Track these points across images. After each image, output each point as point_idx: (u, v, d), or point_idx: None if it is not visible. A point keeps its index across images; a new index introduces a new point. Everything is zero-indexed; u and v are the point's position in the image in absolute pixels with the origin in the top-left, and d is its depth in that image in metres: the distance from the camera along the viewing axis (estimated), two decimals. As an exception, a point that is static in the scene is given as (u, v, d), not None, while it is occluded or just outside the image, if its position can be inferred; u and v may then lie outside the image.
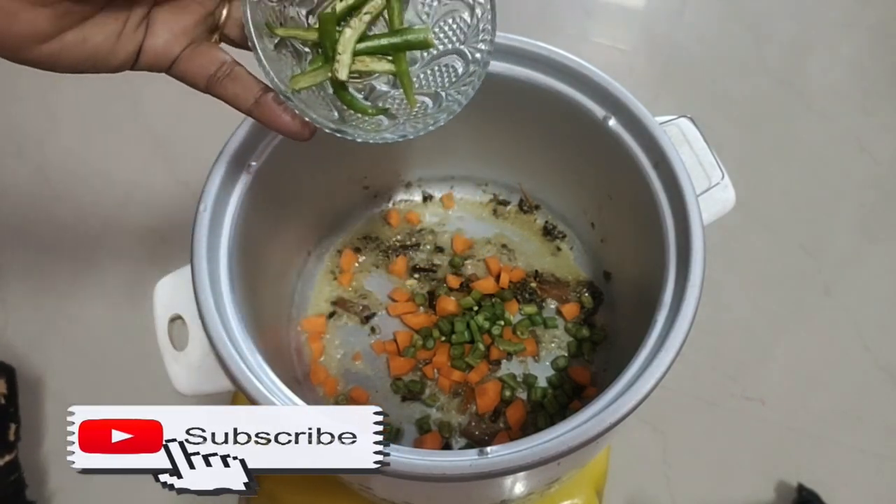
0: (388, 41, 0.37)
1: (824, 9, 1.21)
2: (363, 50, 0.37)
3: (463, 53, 0.39)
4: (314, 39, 0.36)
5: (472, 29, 0.38)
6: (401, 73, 0.38)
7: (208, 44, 0.36)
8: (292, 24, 0.37)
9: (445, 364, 0.60)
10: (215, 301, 0.44)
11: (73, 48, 0.31)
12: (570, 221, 0.67)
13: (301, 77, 0.36)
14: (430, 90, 0.39)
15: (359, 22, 0.36)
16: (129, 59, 0.34)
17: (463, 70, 0.39)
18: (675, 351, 0.42)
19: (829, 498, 0.80)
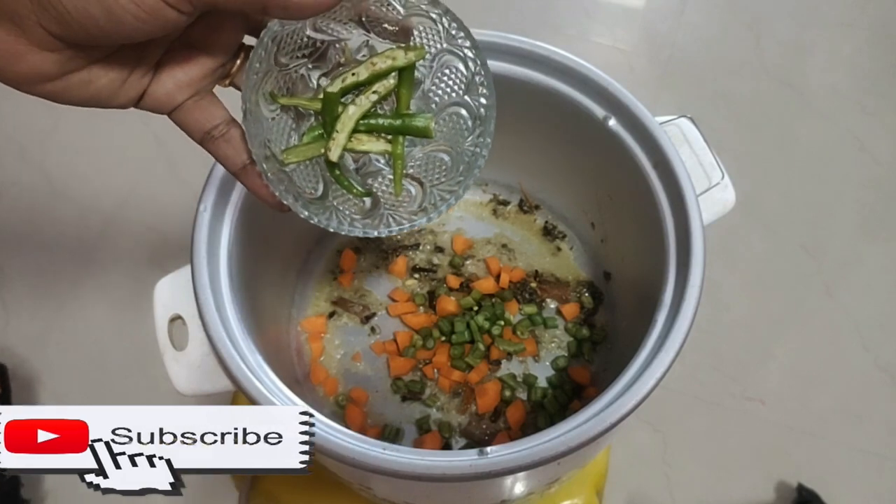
0: (389, 123, 0.38)
1: (824, 9, 1.22)
2: (363, 127, 0.37)
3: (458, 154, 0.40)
4: (317, 109, 0.37)
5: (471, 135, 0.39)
6: (395, 156, 0.38)
7: (210, 98, 0.36)
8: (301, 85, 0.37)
9: (445, 364, 0.60)
10: (215, 301, 0.44)
11: (76, 88, 0.32)
12: (570, 221, 0.67)
13: (294, 150, 0.36)
14: (420, 180, 0.40)
15: (365, 100, 0.37)
16: (132, 101, 0.34)
17: (454, 171, 0.40)
18: (675, 351, 0.42)
19: (829, 498, 0.80)
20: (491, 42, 0.52)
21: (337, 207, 0.38)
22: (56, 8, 0.27)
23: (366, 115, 0.37)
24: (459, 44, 0.37)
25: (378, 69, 0.36)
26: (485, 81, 0.38)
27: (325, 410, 0.59)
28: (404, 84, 0.37)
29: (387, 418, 0.59)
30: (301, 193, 0.37)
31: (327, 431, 0.40)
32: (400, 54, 0.36)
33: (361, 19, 0.36)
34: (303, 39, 0.36)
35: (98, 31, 0.29)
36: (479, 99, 0.38)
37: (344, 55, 0.37)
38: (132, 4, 0.28)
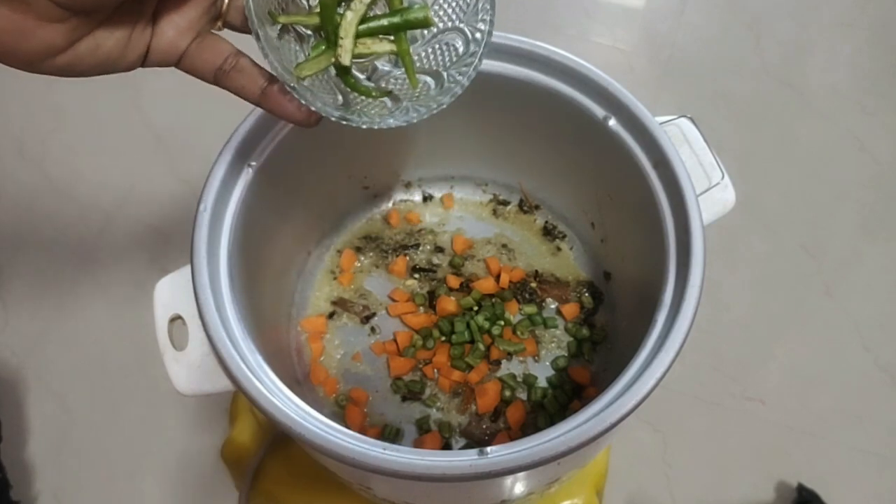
0: (388, 21, 0.38)
1: (824, 9, 1.22)
2: (364, 31, 0.37)
3: (463, 32, 0.39)
4: (316, 24, 0.37)
5: (471, 7, 0.39)
6: (402, 52, 0.38)
7: (213, 36, 0.36)
8: (294, 8, 0.37)
9: (445, 364, 0.60)
10: (215, 301, 0.44)
11: (85, 56, 0.32)
12: (570, 221, 0.67)
13: (305, 65, 0.36)
14: (432, 69, 0.40)
15: (359, 4, 0.37)
16: (139, 58, 0.35)
17: (464, 49, 0.39)
18: (675, 351, 0.42)
19: (829, 498, 0.80)
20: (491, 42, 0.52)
21: (363, 111, 0.38)
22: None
23: (363, 20, 0.37)
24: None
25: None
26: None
27: (325, 410, 0.59)
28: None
29: (387, 418, 0.59)
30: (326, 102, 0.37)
31: (327, 431, 0.40)
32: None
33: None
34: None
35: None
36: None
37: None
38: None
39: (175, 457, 0.87)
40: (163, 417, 0.88)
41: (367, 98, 0.39)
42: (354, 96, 0.39)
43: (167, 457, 0.87)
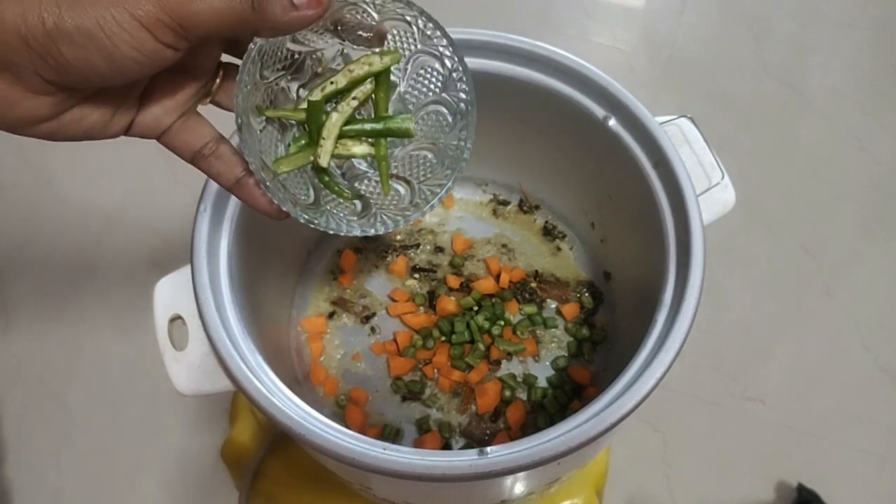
0: (371, 127, 0.38)
1: (824, 9, 1.21)
2: (346, 132, 0.38)
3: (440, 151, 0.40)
4: (301, 119, 0.37)
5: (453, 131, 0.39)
6: (379, 158, 0.39)
7: (196, 118, 0.36)
8: (283, 98, 0.38)
9: (445, 364, 0.60)
10: (215, 301, 0.44)
11: (69, 126, 0.32)
12: (570, 221, 0.67)
13: (284, 161, 0.37)
14: (406, 179, 0.41)
15: (346, 106, 0.37)
16: (122, 130, 0.35)
17: (439, 168, 0.40)
18: (675, 351, 0.42)
19: (829, 498, 0.80)
20: (491, 42, 0.52)
21: (331, 211, 0.39)
22: (56, 59, 0.28)
23: (348, 122, 0.38)
24: (435, 43, 0.37)
25: (356, 76, 0.37)
26: (463, 77, 0.38)
27: (325, 410, 0.59)
28: (381, 88, 0.38)
29: (387, 418, 0.59)
30: (296, 200, 0.38)
31: (327, 431, 0.40)
32: (376, 59, 0.37)
33: (337, 28, 0.37)
34: (282, 52, 0.36)
35: (98, 77, 0.29)
36: (458, 94, 0.39)
37: (321, 65, 0.38)
38: (134, 51, 0.29)
39: (175, 457, 0.87)
40: (163, 417, 0.88)
41: (338, 198, 0.39)
42: (325, 193, 0.39)
43: (167, 457, 0.87)
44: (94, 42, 0.28)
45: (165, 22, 0.28)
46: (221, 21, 0.29)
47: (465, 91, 0.38)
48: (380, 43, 0.38)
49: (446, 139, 0.40)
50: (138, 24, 0.28)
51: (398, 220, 0.39)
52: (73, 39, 0.28)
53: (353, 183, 0.41)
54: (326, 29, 0.37)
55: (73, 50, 0.28)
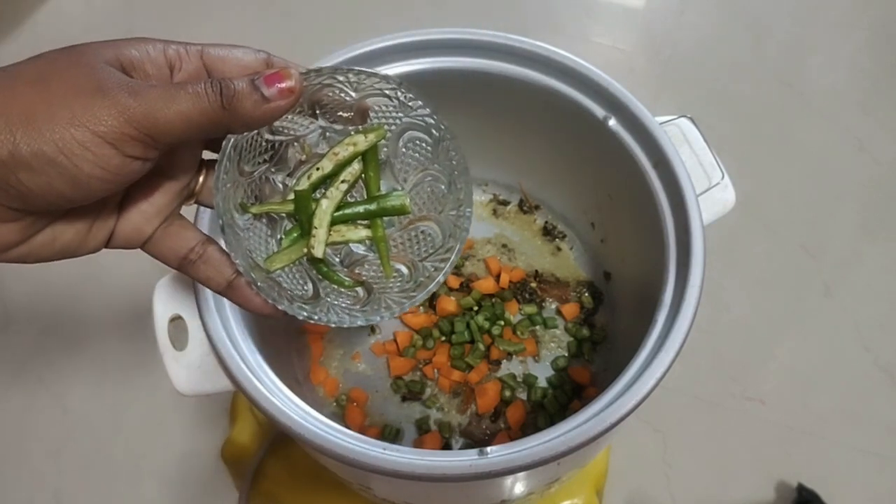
0: (364, 209, 0.36)
1: (824, 9, 1.21)
2: (339, 218, 0.36)
3: (440, 222, 0.38)
4: (290, 211, 0.36)
5: (450, 200, 0.38)
6: (378, 239, 0.37)
7: (180, 222, 0.34)
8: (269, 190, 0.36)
9: (445, 364, 0.60)
10: (215, 301, 0.44)
11: (42, 249, 0.30)
12: (570, 221, 0.67)
13: (276, 257, 0.35)
14: (407, 258, 0.39)
15: (335, 191, 0.35)
16: (101, 245, 0.32)
17: (440, 241, 0.38)
18: (675, 351, 0.42)
19: (829, 498, 0.80)
20: (491, 42, 0.52)
21: (332, 303, 0.37)
22: (17, 188, 0.26)
23: (339, 206, 0.36)
24: (418, 113, 0.36)
25: (341, 158, 0.35)
26: (452, 144, 0.36)
27: (325, 410, 0.59)
28: (370, 167, 0.36)
29: (387, 418, 0.59)
30: (293, 296, 0.36)
31: (327, 431, 0.40)
32: (360, 139, 0.35)
33: (315, 112, 0.35)
34: (262, 144, 0.34)
35: (63, 200, 0.27)
36: (450, 162, 0.37)
37: (304, 152, 0.36)
38: (97, 169, 0.26)
39: (175, 457, 0.86)
40: (163, 417, 0.88)
41: (339, 287, 0.37)
42: (325, 284, 0.37)
43: (167, 457, 0.87)
44: (55, 166, 0.26)
45: (131, 135, 0.26)
46: (192, 125, 0.28)
47: (456, 159, 0.37)
48: (362, 121, 0.36)
49: (444, 210, 0.38)
50: (101, 141, 0.26)
51: (403, 303, 0.36)
52: (32, 166, 0.25)
53: (352, 269, 0.39)
54: (305, 114, 0.35)
55: (33, 177, 0.26)
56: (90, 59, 0.28)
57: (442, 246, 0.38)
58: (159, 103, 0.27)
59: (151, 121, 0.27)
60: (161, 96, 0.27)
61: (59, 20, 1.22)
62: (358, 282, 0.38)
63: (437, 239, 0.38)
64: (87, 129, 0.26)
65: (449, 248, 0.38)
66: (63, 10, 1.23)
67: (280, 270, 0.35)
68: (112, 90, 0.26)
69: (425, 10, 1.22)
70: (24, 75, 0.27)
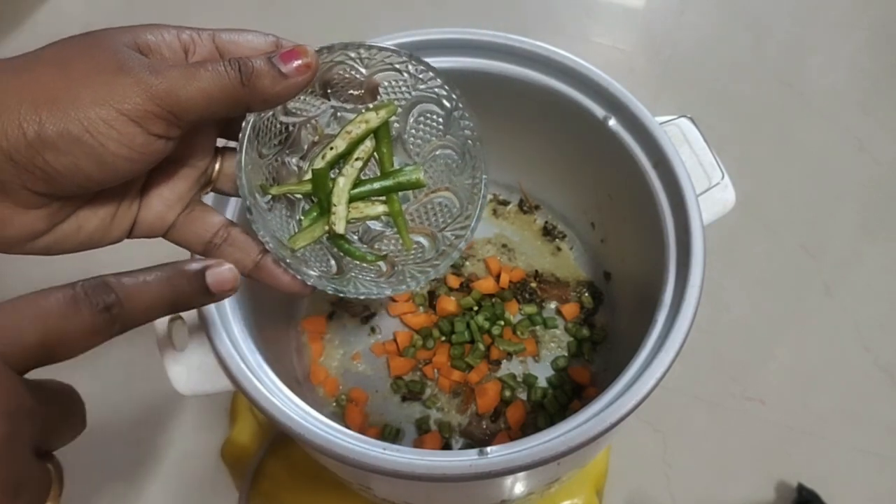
0: (380, 185, 0.37)
1: (824, 9, 1.21)
2: (356, 195, 0.36)
3: (456, 191, 0.39)
4: (307, 191, 0.36)
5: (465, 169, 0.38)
6: (395, 214, 0.38)
7: (202, 207, 0.35)
8: (285, 172, 0.37)
9: (445, 364, 0.60)
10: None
11: (67, 238, 0.31)
12: (570, 221, 0.67)
13: (299, 236, 0.36)
14: (426, 229, 0.39)
15: (351, 169, 0.36)
16: (124, 233, 0.33)
17: (458, 209, 0.39)
18: (675, 351, 0.42)
19: (829, 498, 0.80)
20: (491, 42, 0.52)
21: (357, 277, 0.37)
22: (44, 170, 0.26)
23: (355, 184, 0.36)
24: (429, 84, 0.36)
25: (354, 136, 0.36)
26: (465, 113, 0.37)
27: (325, 410, 0.59)
28: (383, 143, 0.37)
29: (387, 418, 0.59)
30: (320, 273, 0.36)
31: (327, 431, 0.40)
32: (372, 115, 0.36)
33: (327, 91, 0.35)
34: (277, 127, 0.35)
35: (89, 182, 0.27)
36: (462, 132, 0.37)
37: (317, 133, 0.37)
38: (123, 147, 0.27)
39: (175, 457, 0.86)
40: (163, 417, 0.88)
41: (362, 263, 0.38)
42: (349, 260, 0.37)
43: (167, 457, 0.87)
44: (81, 146, 0.26)
45: (155, 112, 0.27)
46: (213, 102, 0.28)
47: (469, 128, 0.37)
48: (372, 98, 0.36)
49: (459, 180, 0.39)
50: (126, 119, 0.26)
51: (428, 271, 0.37)
52: (58, 146, 0.26)
53: (372, 245, 0.39)
54: (317, 94, 0.35)
55: (60, 157, 0.26)
56: (109, 42, 0.28)
57: (461, 214, 0.39)
58: (181, 81, 0.27)
59: (174, 98, 0.27)
60: (182, 74, 0.27)
61: (59, 20, 1.22)
62: (380, 256, 0.38)
63: (454, 208, 0.39)
64: (111, 106, 0.26)
65: (468, 216, 0.38)
66: (63, 10, 1.23)
67: (303, 249, 0.36)
68: (134, 69, 0.27)
69: (425, 10, 1.22)
70: (44, 59, 0.27)
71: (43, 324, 0.23)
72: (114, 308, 0.25)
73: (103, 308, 0.24)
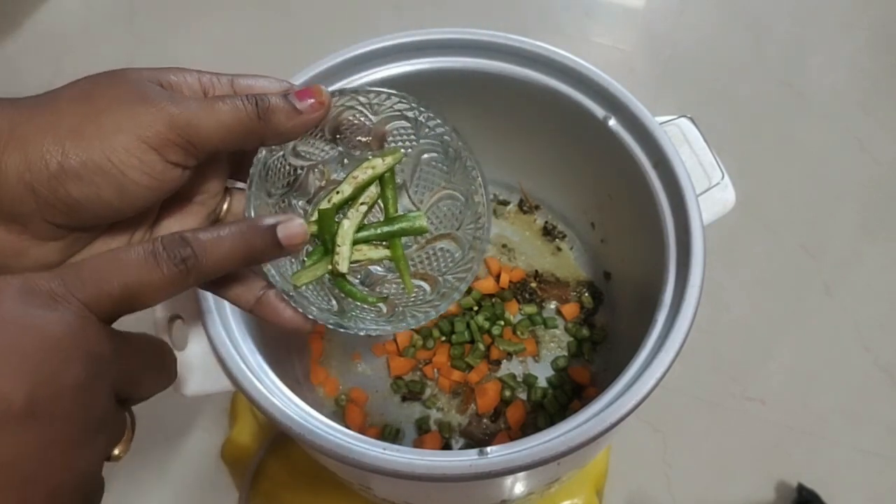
0: (383, 230, 0.38)
1: (824, 9, 1.22)
2: (360, 238, 0.37)
3: (458, 239, 0.40)
4: (313, 232, 0.37)
5: (467, 216, 0.39)
6: (397, 258, 0.38)
7: None
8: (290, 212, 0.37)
9: (445, 364, 0.60)
10: (215, 301, 0.44)
11: None
12: (570, 221, 0.67)
13: (302, 273, 0.36)
14: (427, 274, 0.40)
15: (356, 213, 0.37)
16: None
17: (460, 255, 0.39)
18: (675, 351, 0.42)
19: (829, 498, 0.80)
20: (491, 42, 0.52)
21: (358, 316, 0.38)
22: (65, 202, 0.27)
23: (359, 228, 0.37)
24: (436, 132, 0.37)
25: (360, 181, 0.36)
26: (468, 160, 0.38)
27: (325, 410, 0.59)
28: (388, 188, 0.37)
29: (387, 418, 0.59)
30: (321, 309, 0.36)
31: (327, 431, 0.40)
32: (378, 162, 0.36)
33: (336, 137, 0.36)
34: (286, 168, 0.36)
35: (109, 210, 0.28)
36: (466, 178, 0.38)
37: (324, 178, 0.38)
38: (143, 175, 0.28)
39: (175, 457, 0.87)
40: (163, 417, 0.88)
41: (363, 304, 0.38)
42: (348, 301, 0.38)
43: (167, 457, 0.87)
44: (103, 175, 0.27)
45: (175, 140, 0.28)
46: (230, 133, 0.29)
47: (472, 174, 0.38)
48: (380, 146, 0.37)
49: (462, 225, 0.39)
50: (147, 147, 0.27)
51: (429, 312, 0.38)
52: (81, 176, 0.27)
53: (373, 289, 0.39)
54: (326, 139, 0.36)
55: (82, 187, 0.27)
56: (132, 76, 0.29)
57: (462, 260, 0.39)
58: (201, 112, 0.28)
59: (193, 128, 0.28)
60: (202, 106, 0.28)
61: (59, 19, 1.22)
62: (380, 298, 0.39)
63: (456, 254, 0.40)
64: (133, 134, 0.27)
65: (470, 259, 0.39)
66: (63, 9, 1.23)
67: (306, 286, 0.36)
68: (156, 99, 0.28)
69: (425, 10, 1.22)
70: (66, 94, 0.28)
71: (124, 276, 0.25)
72: (189, 260, 0.26)
73: (180, 261, 0.26)
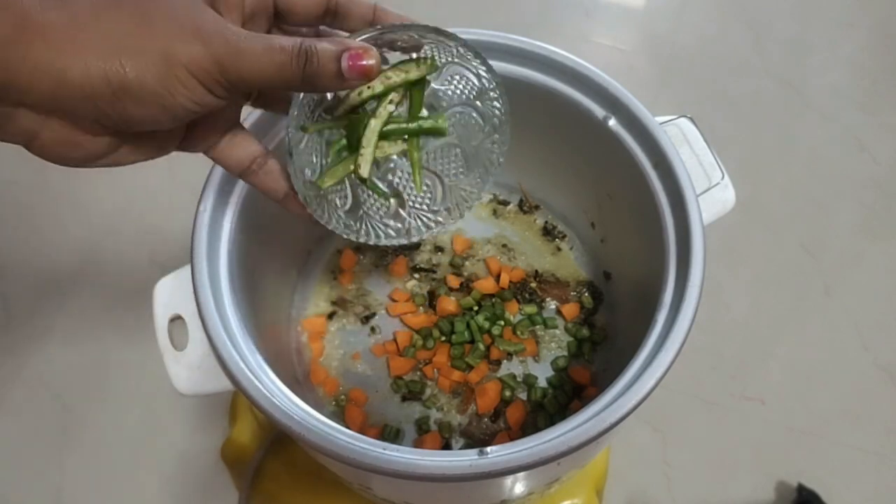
0: (406, 127, 0.40)
1: (824, 9, 1.22)
2: (382, 134, 0.39)
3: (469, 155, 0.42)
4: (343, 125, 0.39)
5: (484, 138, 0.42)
6: (412, 158, 0.41)
7: (243, 135, 0.38)
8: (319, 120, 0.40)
9: (445, 364, 0.60)
10: (215, 301, 0.44)
11: (125, 157, 0.34)
12: (570, 221, 0.67)
13: (327, 175, 0.39)
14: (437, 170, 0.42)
15: (383, 111, 0.39)
16: (173, 149, 0.37)
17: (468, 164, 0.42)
18: (675, 351, 0.42)
19: (829, 498, 0.80)
20: (491, 42, 0.52)
21: (368, 214, 0.41)
22: (121, 115, 0.30)
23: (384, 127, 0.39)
24: (475, 65, 0.39)
25: (392, 83, 0.38)
26: (499, 98, 0.40)
27: (325, 410, 0.59)
28: (417, 92, 0.39)
29: (387, 418, 0.59)
30: (336, 209, 0.40)
31: (327, 431, 0.40)
32: (412, 67, 0.38)
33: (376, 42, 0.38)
34: None
35: (154, 124, 0.32)
36: (492, 106, 0.40)
37: None
38: (190, 102, 0.31)
39: (175, 457, 0.87)
40: (163, 417, 0.88)
41: (376, 196, 0.41)
42: (364, 195, 0.41)
43: (167, 457, 0.87)
44: (157, 97, 0.30)
45: (219, 80, 0.31)
46: (270, 83, 0.32)
47: (499, 109, 0.40)
48: (416, 50, 0.39)
49: (479, 142, 0.41)
50: (196, 82, 0.30)
51: (431, 225, 0.41)
52: (138, 98, 0.30)
53: (385, 175, 0.42)
54: None
55: (138, 107, 0.30)
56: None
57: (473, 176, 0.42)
58: (249, 58, 0.31)
59: (237, 73, 0.31)
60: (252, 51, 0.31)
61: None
62: (394, 192, 0.42)
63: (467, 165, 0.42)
64: (186, 69, 0.30)
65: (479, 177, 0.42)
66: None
67: None
68: (210, 38, 0.30)
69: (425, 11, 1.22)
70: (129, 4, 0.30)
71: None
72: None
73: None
